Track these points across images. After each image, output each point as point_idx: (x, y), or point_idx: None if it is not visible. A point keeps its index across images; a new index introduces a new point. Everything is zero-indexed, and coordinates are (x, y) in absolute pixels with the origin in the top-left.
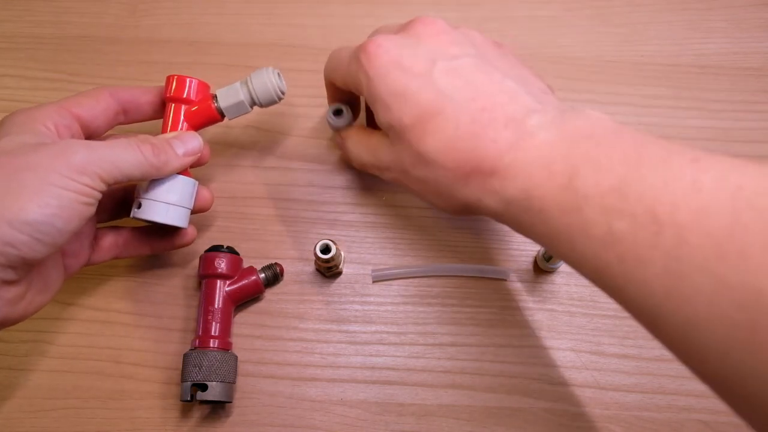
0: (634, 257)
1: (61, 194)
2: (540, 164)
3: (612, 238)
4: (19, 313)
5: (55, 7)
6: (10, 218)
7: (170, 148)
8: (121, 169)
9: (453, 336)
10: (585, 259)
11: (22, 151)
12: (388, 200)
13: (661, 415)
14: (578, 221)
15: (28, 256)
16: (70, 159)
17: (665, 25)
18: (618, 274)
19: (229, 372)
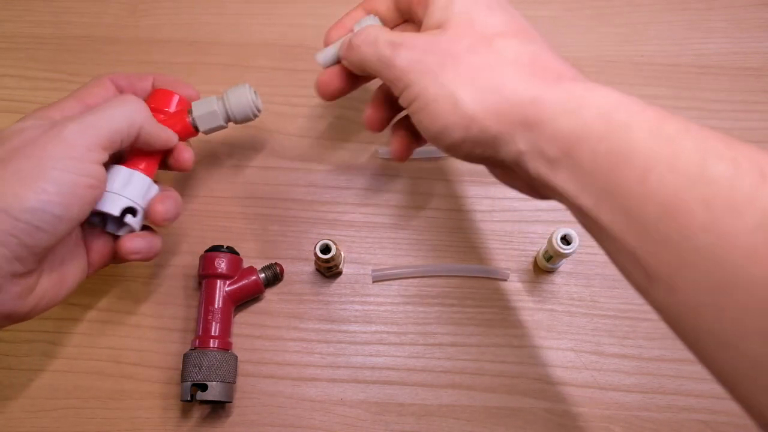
0: (726, 204)
1: (59, 178)
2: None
3: (705, 178)
4: (29, 307)
5: (55, 7)
6: (7, 207)
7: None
8: (110, 128)
9: (453, 336)
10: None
11: (21, 138)
12: (388, 201)
13: (661, 415)
14: (667, 148)
15: (30, 245)
16: (60, 135)
17: (665, 25)
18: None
19: (229, 372)
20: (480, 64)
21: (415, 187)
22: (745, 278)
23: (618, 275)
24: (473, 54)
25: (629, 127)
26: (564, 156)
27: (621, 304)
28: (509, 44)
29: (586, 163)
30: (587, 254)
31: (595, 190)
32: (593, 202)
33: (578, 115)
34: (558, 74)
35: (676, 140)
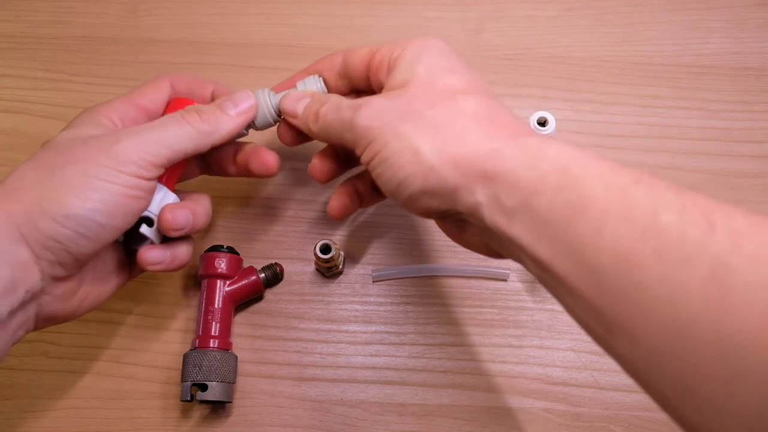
0: (678, 254)
1: (103, 187)
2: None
3: (655, 227)
4: (71, 309)
5: (55, 7)
6: (52, 213)
7: (220, 111)
8: (170, 147)
9: (453, 336)
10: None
11: (69, 144)
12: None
13: (661, 415)
14: (620, 199)
15: (73, 251)
16: (113, 149)
17: (665, 25)
18: (648, 271)
19: (229, 372)
20: (440, 117)
21: None
22: (700, 327)
23: None
24: (434, 109)
25: (584, 179)
26: (521, 207)
27: None
28: (468, 100)
29: (543, 214)
30: None
31: (551, 240)
32: (549, 252)
33: (535, 167)
34: (515, 130)
35: (628, 191)
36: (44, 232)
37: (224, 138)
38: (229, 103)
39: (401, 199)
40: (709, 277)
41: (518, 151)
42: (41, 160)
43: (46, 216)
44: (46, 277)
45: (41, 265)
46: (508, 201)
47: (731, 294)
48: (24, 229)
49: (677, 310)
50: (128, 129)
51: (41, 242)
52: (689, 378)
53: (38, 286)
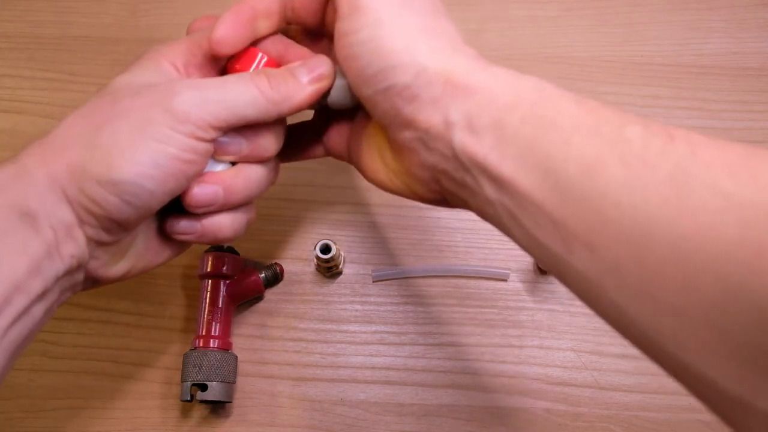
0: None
1: (157, 149)
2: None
3: (622, 138)
4: (119, 273)
5: (55, 7)
6: (98, 176)
7: (292, 77)
8: (232, 110)
9: (453, 336)
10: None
11: (124, 95)
12: (388, 201)
13: (661, 415)
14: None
15: (117, 218)
16: (171, 104)
17: (665, 25)
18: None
19: (229, 372)
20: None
21: None
22: (660, 228)
23: None
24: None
25: (559, 98)
26: (492, 124)
27: None
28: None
29: (514, 128)
30: None
31: (518, 153)
32: (514, 167)
33: (515, 87)
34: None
35: (598, 110)
36: (88, 196)
37: (293, 108)
38: (303, 68)
39: (375, 88)
40: (669, 180)
41: (504, 72)
42: (92, 111)
43: (90, 178)
44: (91, 242)
45: (85, 229)
46: (482, 119)
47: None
48: (68, 189)
49: (638, 213)
50: (188, 81)
51: (84, 206)
52: (647, 283)
53: (84, 251)
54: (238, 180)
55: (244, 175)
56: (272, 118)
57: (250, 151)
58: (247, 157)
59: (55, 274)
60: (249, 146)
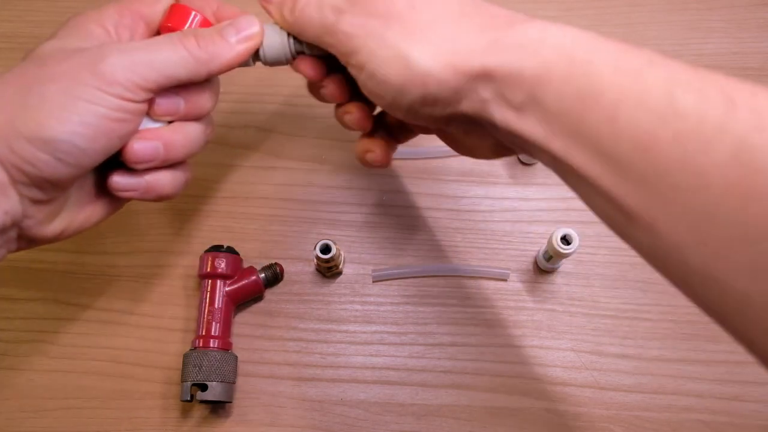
0: (697, 138)
1: (86, 109)
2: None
3: (673, 111)
4: (55, 232)
5: (55, 7)
6: (28, 134)
7: (220, 37)
8: (161, 71)
9: (453, 336)
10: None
11: (52, 59)
12: (388, 200)
13: (661, 415)
14: (634, 84)
15: (50, 177)
16: (98, 67)
17: (665, 25)
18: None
19: (229, 372)
20: (426, 19)
21: (415, 187)
22: (723, 212)
23: (618, 275)
24: (416, 11)
25: (592, 65)
26: (529, 100)
27: (621, 304)
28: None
29: (553, 106)
30: (587, 254)
31: (564, 132)
32: (564, 145)
33: (538, 56)
34: (508, 19)
35: (641, 74)
36: (19, 155)
37: (222, 67)
38: (231, 28)
39: (401, 112)
40: (731, 160)
41: (517, 41)
42: (20, 75)
43: (21, 137)
44: (24, 200)
45: (18, 188)
46: (515, 96)
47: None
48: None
49: (698, 196)
50: (117, 44)
51: (16, 165)
52: (711, 266)
53: (17, 208)
54: (177, 136)
55: (183, 132)
56: (202, 78)
57: (188, 110)
58: (185, 116)
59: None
60: (186, 105)
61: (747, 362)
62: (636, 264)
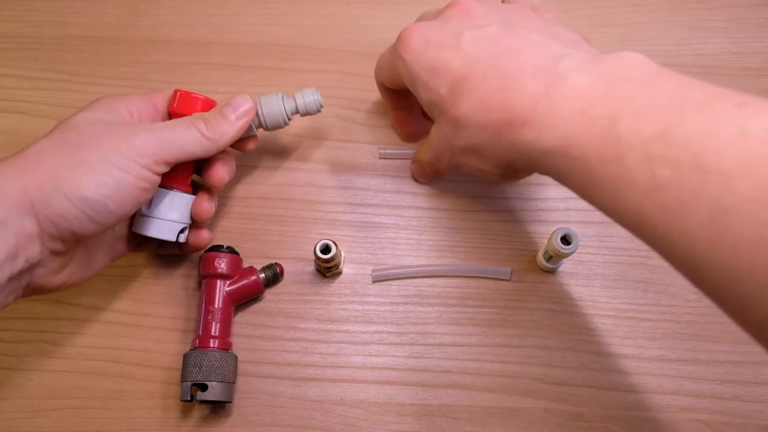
0: (679, 205)
1: (119, 176)
2: (577, 109)
3: (656, 186)
4: (58, 283)
5: (55, 7)
6: (67, 192)
7: (222, 118)
8: (180, 148)
9: (453, 336)
10: (627, 209)
11: (91, 129)
12: (388, 201)
13: (661, 415)
14: (620, 170)
15: (78, 231)
16: (132, 141)
17: (665, 25)
18: (661, 224)
19: (229, 372)
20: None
21: (415, 187)
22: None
23: (618, 275)
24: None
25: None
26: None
27: (621, 304)
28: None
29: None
30: (587, 254)
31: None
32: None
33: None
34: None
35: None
36: (56, 209)
37: (228, 142)
38: (228, 108)
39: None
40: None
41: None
42: (61, 138)
43: (61, 194)
44: (45, 249)
45: (43, 238)
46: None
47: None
48: (36, 203)
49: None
50: (145, 124)
51: (50, 218)
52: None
53: (37, 258)
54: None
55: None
56: (213, 153)
57: None
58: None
59: (9, 275)
60: None
61: (747, 362)
62: (636, 264)
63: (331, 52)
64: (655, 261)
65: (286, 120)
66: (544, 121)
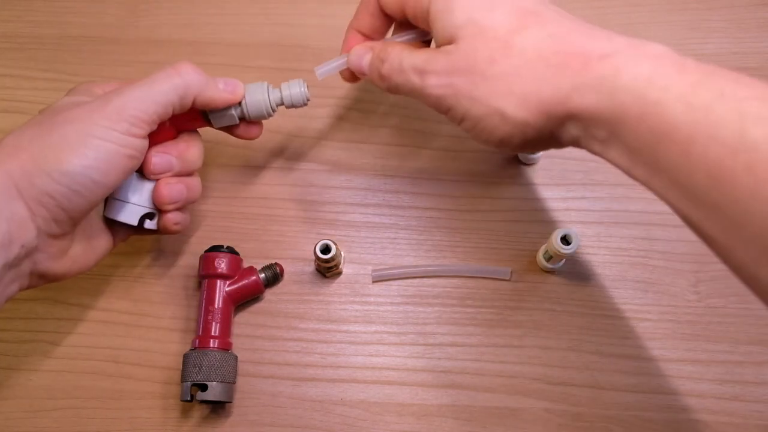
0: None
1: (99, 145)
2: (669, 60)
3: (744, 144)
4: (63, 269)
5: (55, 7)
6: (48, 169)
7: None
8: (156, 101)
9: (453, 336)
10: (702, 165)
11: (66, 108)
12: (388, 201)
13: (661, 415)
14: (705, 119)
15: (67, 208)
16: (106, 109)
17: (665, 25)
18: (742, 185)
19: (229, 372)
20: (508, 72)
21: (415, 187)
22: None
23: (618, 275)
24: (497, 64)
25: (664, 104)
26: (612, 136)
27: (621, 304)
28: (526, 40)
29: (631, 142)
30: (587, 254)
31: (644, 164)
32: (645, 174)
33: (613, 98)
34: (584, 57)
35: (712, 109)
36: (40, 188)
37: (206, 97)
38: (221, 79)
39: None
40: None
41: (594, 85)
42: (39, 121)
43: (42, 172)
44: (41, 233)
45: (37, 221)
46: (599, 133)
47: None
48: (21, 185)
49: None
50: (119, 90)
51: (37, 198)
52: None
53: (33, 242)
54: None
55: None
56: (190, 102)
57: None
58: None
59: (4, 261)
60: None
61: (747, 362)
62: (636, 264)
63: (330, 52)
64: (655, 261)
65: (270, 111)
66: (630, 56)
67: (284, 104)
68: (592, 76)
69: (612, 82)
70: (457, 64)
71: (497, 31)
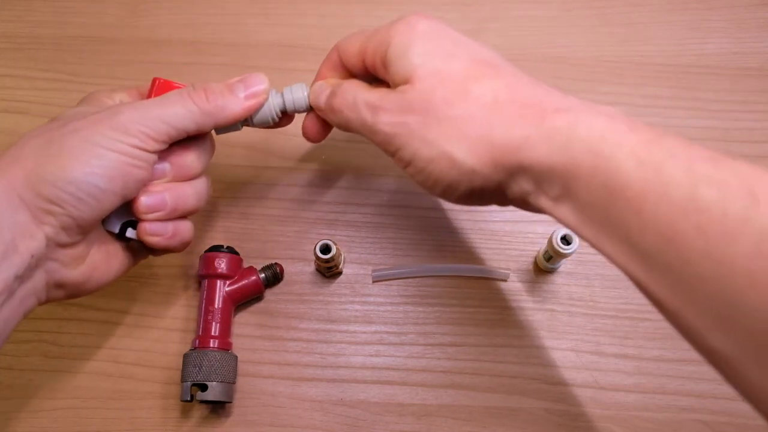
0: (719, 230)
1: (103, 154)
2: (621, 120)
3: (695, 204)
4: (81, 278)
5: (55, 7)
6: (51, 178)
7: (228, 91)
8: (170, 124)
9: (453, 336)
10: (654, 223)
11: (73, 117)
12: (388, 201)
13: (661, 415)
14: (657, 178)
15: (74, 216)
16: (114, 120)
17: (665, 25)
18: (693, 247)
19: (229, 372)
20: (462, 116)
21: (415, 187)
22: (747, 303)
23: (618, 275)
24: (452, 107)
25: (617, 160)
26: (565, 193)
27: (621, 304)
28: (483, 87)
29: (584, 197)
30: (587, 254)
31: (594, 222)
32: (594, 234)
33: (567, 152)
34: (540, 108)
35: (664, 167)
36: (45, 197)
37: (228, 120)
38: (240, 84)
39: (451, 200)
40: (755, 253)
41: (548, 137)
42: (43, 131)
43: (46, 181)
44: (50, 242)
45: (44, 230)
46: (552, 189)
47: None
48: (24, 194)
49: (723, 286)
50: (130, 103)
51: (41, 207)
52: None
53: (42, 250)
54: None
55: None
56: (209, 129)
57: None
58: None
59: (14, 272)
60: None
61: None
62: None
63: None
64: None
65: (275, 118)
66: (583, 112)
67: (287, 109)
68: (547, 127)
69: (566, 135)
70: (412, 103)
71: (455, 76)
